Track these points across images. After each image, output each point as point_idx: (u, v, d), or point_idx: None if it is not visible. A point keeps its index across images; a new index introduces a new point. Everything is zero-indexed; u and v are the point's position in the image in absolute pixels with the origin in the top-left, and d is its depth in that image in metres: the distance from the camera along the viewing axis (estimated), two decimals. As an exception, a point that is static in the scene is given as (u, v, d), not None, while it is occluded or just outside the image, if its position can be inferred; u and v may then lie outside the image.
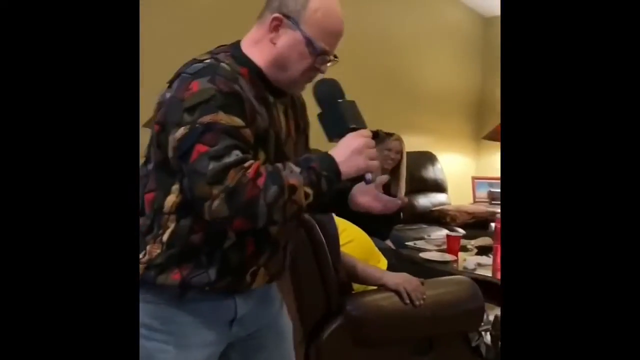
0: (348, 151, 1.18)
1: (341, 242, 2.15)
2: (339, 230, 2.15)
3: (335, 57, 1.27)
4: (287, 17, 1.22)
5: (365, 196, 1.40)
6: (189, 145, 1.11)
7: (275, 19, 1.22)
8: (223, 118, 1.12)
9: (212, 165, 1.09)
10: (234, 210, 1.10)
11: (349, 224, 2.36)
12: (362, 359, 2.07)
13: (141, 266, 1.22)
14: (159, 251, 1.22)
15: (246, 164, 1.11)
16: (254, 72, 1.24)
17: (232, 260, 1.23)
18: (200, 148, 1.10)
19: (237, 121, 1.14)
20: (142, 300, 1.17)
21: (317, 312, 2.03)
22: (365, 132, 1.22)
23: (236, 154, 1.11)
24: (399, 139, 3.43)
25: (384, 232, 3.33)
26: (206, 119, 1.11)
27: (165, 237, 1.21)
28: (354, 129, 1.22)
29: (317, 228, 2.00)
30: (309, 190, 1.14)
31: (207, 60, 1.20)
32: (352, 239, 2.30)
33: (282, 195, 1.11)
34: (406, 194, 3.48)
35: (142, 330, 1.15)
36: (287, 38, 1.23)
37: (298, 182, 1.13)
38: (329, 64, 1.27)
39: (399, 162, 3.43)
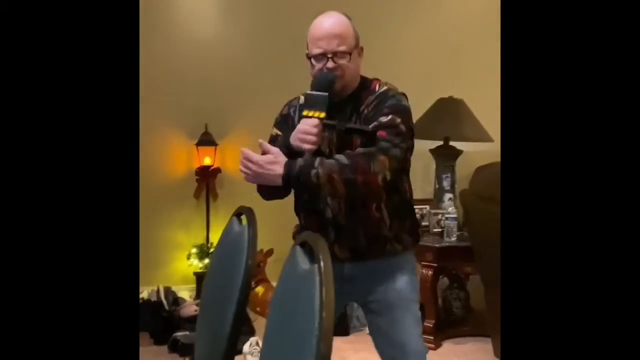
0: (295, 131, 1.62)
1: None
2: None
3: (338, 53, 1.64)
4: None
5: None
6: None
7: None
8: (273, 130, 1.81)
9: None
10: None
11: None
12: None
13: None
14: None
15: None
16: None
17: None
18: None
19: (276, 132, 1.78)
20: None
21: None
22: (310, 121, 1.58)
23: None
24: None
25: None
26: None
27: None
28: (306, 116, 1.58)
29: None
30: None
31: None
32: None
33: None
34: None
35: None
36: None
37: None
38: (331, 60, 1.63)
39: None
